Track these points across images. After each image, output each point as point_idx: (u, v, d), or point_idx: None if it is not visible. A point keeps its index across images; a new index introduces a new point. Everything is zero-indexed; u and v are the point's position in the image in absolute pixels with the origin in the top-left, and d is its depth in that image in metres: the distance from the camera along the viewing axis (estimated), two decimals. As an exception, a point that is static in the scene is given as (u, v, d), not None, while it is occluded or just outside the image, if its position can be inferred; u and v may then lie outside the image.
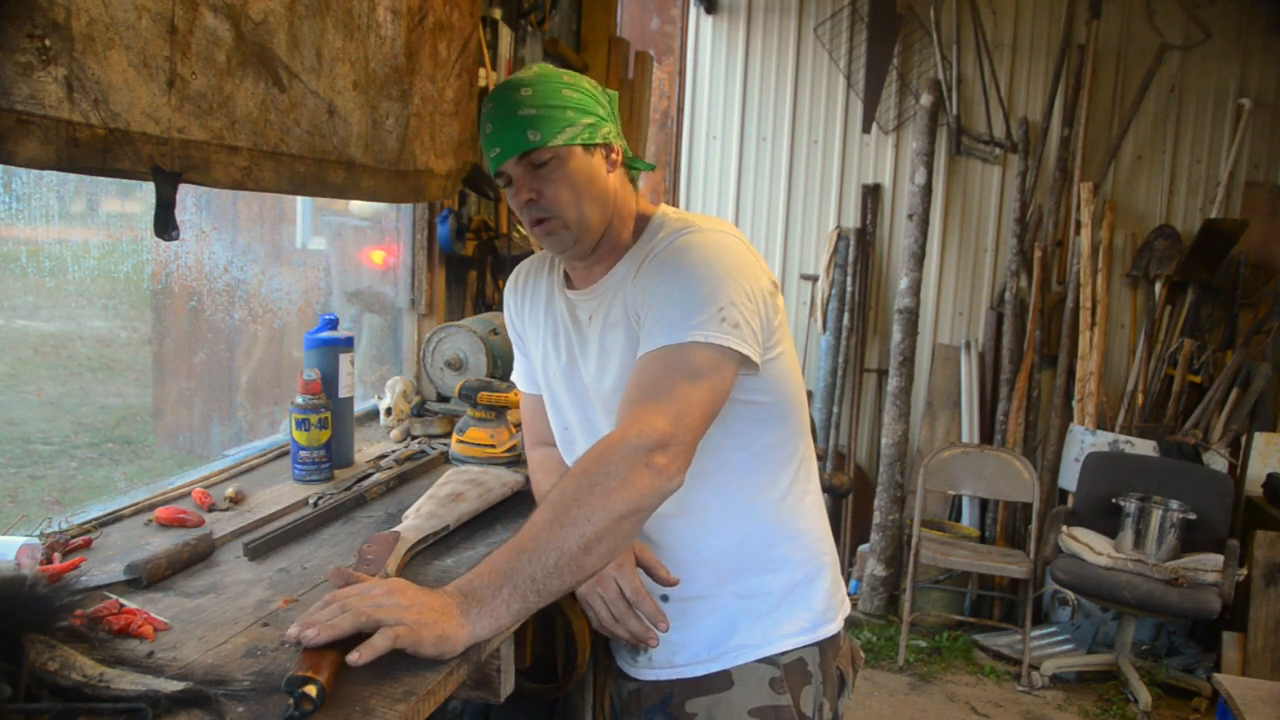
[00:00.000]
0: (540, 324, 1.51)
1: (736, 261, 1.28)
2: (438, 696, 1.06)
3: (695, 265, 1.26)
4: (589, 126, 1.33)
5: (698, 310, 1.22)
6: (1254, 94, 4.21)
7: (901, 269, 4.28)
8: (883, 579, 4.25)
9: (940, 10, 4.36)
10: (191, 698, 0.96)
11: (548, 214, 1.33)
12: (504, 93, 1.33)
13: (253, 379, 2.39)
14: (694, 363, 1.20)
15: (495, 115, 1.32)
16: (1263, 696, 2.17)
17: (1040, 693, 3.66)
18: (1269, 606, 3.45)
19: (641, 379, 1.22)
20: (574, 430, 1.46)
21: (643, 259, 1.33)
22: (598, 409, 1.41)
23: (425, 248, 2.53)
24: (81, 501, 1.62)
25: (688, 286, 1.24)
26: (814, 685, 1.37)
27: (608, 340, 1.37)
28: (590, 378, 1.41)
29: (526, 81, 1.33)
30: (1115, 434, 4.05)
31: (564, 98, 1.32)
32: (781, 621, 1.37)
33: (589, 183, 1.33)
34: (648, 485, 1.13)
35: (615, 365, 1.35)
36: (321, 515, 1.59)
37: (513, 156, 1.31)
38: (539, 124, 1.30)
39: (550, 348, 1.48)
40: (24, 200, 1.53)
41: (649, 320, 1.26)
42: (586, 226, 1.34)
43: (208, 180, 1.49)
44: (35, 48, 1.14)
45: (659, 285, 1.27)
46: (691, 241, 1.30)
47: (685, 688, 1.38)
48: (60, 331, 1.84)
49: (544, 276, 1.53)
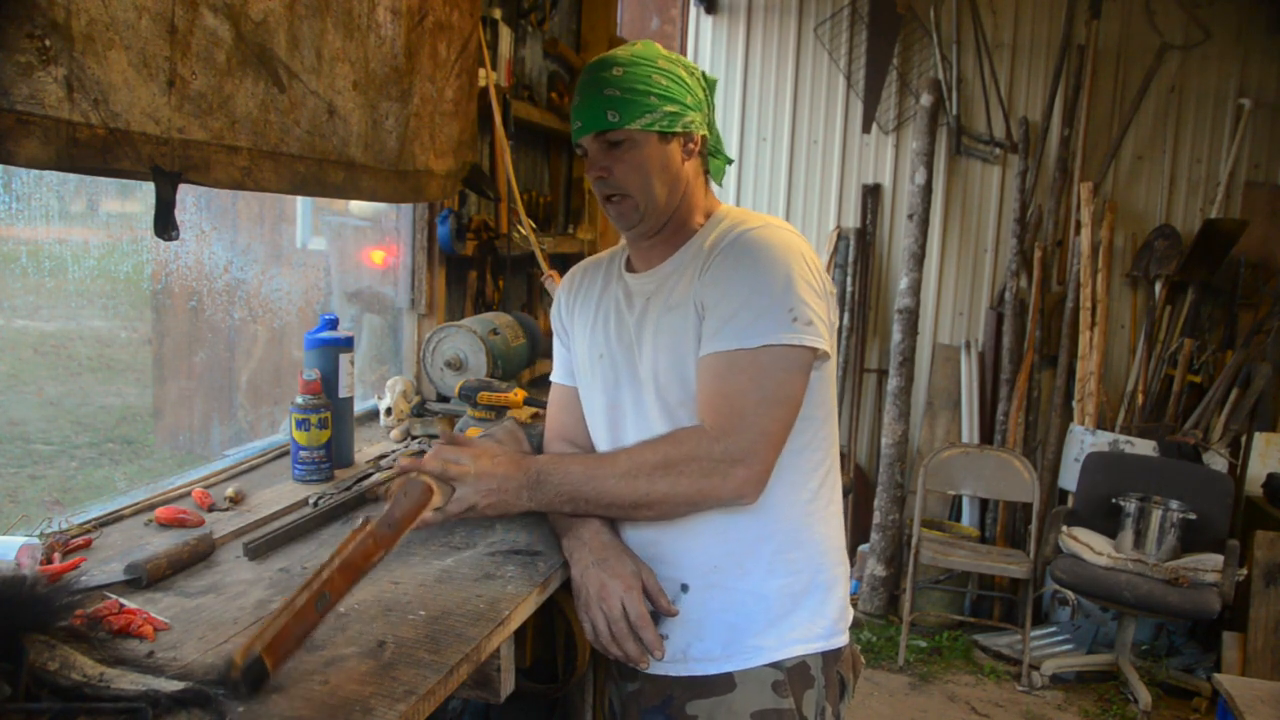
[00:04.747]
0: (591, 310, 1.53)
1: (802, 259, 1.33)
2: (438, 696, 1.06)
3: (763, 262, 1.30)
4: (670, 114, 1.36)
5: (769, 311, 1.27)
6: (1254, 94, 4.21)
7: (901, 269, 4.28)
8: (883, 579, 4.25)
9: (940, 10, 4.36)
10: (191, 697, 0.96)
11: (616, 191, 1.38)
12: (596, 69, 1.37)
13: (253, 379, 2.39)
14: (768, 368, 1.27)
15: (583, 89, 1.37)
16: (1263, 696, 2.17)
17: (1040, 693, 3.66)
18: (1269, 606, 3.45)
19: (723, 385, 1.28)
20: (624, 408, 1.45)
21: (708, 251, 1.37)
22: (647, 388, 1.41)
23: (425, 248, 2.53)
24: (81, 501, 1.62)
25: (758, 286, 1.29)
26: (816, 689, 1.37)
27: (665, 321, 1.39)
28: (644, 358, 1.42)
29: (620, 61, 1.36)
30: (1115, 434, 4.05)
31: (652, 83, 1.35)
32: (797, 625, 1.37)
33: (660, 169, 1.38)
34: (719, 490, 1.27)
35: (670, 346, 1.38)
36: (321, 515, 1.59)
37: (590, 133, 1.36)
38: (620, 106, 1.34)
39: (600, 331, 1.49)
40: (24, 200, 1.53)
41: (718, 317, 1.30)
42: (653, 208, 1.39)
43: (208, 180, 1.49)
44: (35, 48, 1.14)
45: (728, 282, 1.31)
46: (758, 237, 1.34)
47: (687, 689, 1.38)
48: (60, 331, 1.84)
49: (602, 269, 1.57)
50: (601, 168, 1.38)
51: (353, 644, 1.13)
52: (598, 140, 1.37)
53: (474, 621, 1.22)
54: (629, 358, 1.44)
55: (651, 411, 1.40)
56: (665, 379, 1.37)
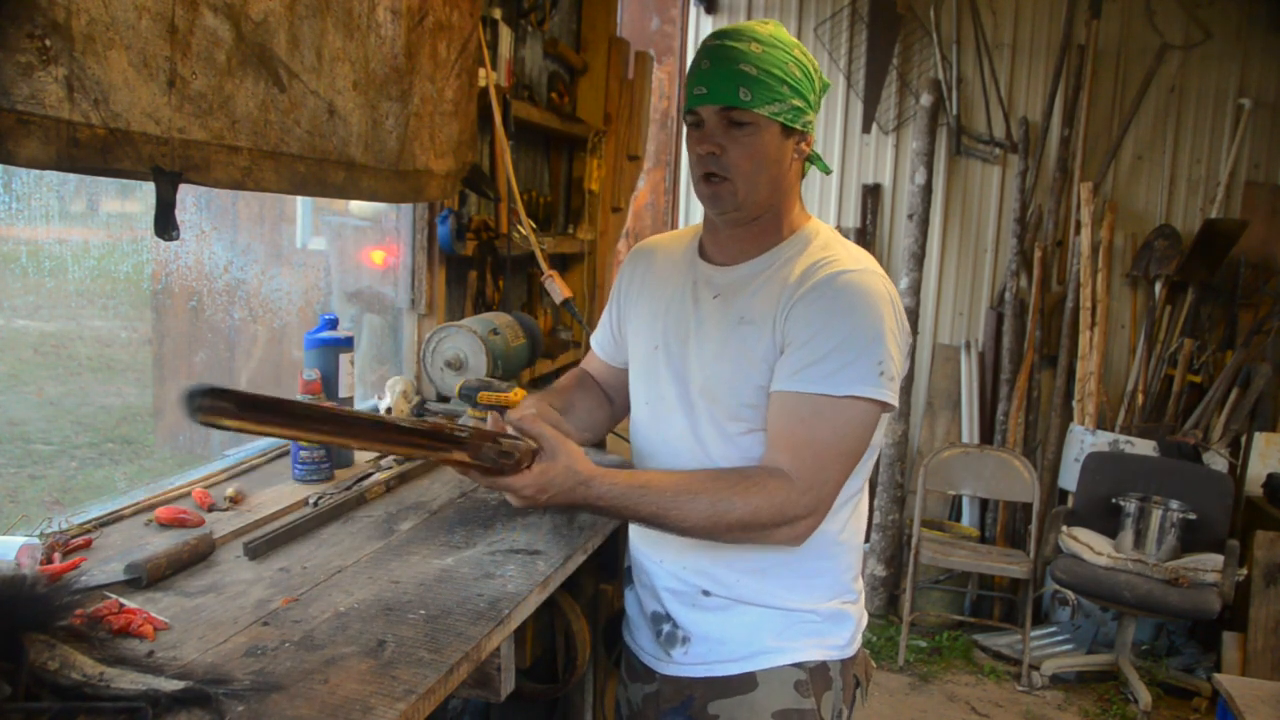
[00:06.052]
0: (656, 300, 1.46)
1: (892, 308, 1.29)
2: (437, 695, 1.06)
3: (859, 310, 1.26)
4: (796, 109, 1.30)
5: (858, 362, 1.24)
6: (1254, 94, 4.20)
7: (901, 269, 4.28)
8: (883, 579, 4.25)
9: (940, 10, 4.36)
10: (191, 697, 0.96)
11: (723, 171, 1.29)
12: (733, 37, 1.29)
13: (253, 379, 2.39)
14: (851, 421, 1.26)
15: (716, 55, 1.28)
16: (1263, 696, 2.17)
17: (1040, 693, 3.66)
18: (1269, 606, 3.45)
19: (808, 433, 1.25)
20: (669, 403, 1.40)
21: (798, 278, 1.31)
22: (695, 389, 1.37)
23: (425, 248, 2.53)
24: (81, 501, 1.62)
25: (852, 334, 1.25)
26: (834, 691, 1.38)
27: (736, 334, 1.33)
28: (698, 358, 1.37)
29: (761, 38, 1.29)
30: (1115, 434, 4.05)
31: (787, 71, 1.29)
32: (818, 635, 1.38)
33: (773, 162, 1.31)
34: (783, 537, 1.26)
35: (735, 359, 1.33)
36: (321, 515, 1.59)
37: (717, 105, 1.27)
38: (754, 85, 1.26)
39: (661, 321, 1.43)
40: (24, 200, 1.53)
41: (806, 356, 1.26)
42: (753, 199, 1.32)
43: (208, 180, 1.49)
44: (35, 48, 1.14)
45: (821, 323, 1.26)
46: (856, 282, 1.29)
47: (708, 689, 1.38)
48: (60, 331, 1.84)
49: (676, 256, 1.49)
50: (716, 144, 1.28)
51: (353, 643, 1.14)
52: (721, 114, 1.28)
53: (474, 621, 1.22)
54: (685, 353, 1.39)
55: (700, 416, 1.36)
56: (721, 390, 1.34)
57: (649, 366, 1.44)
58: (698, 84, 1.29)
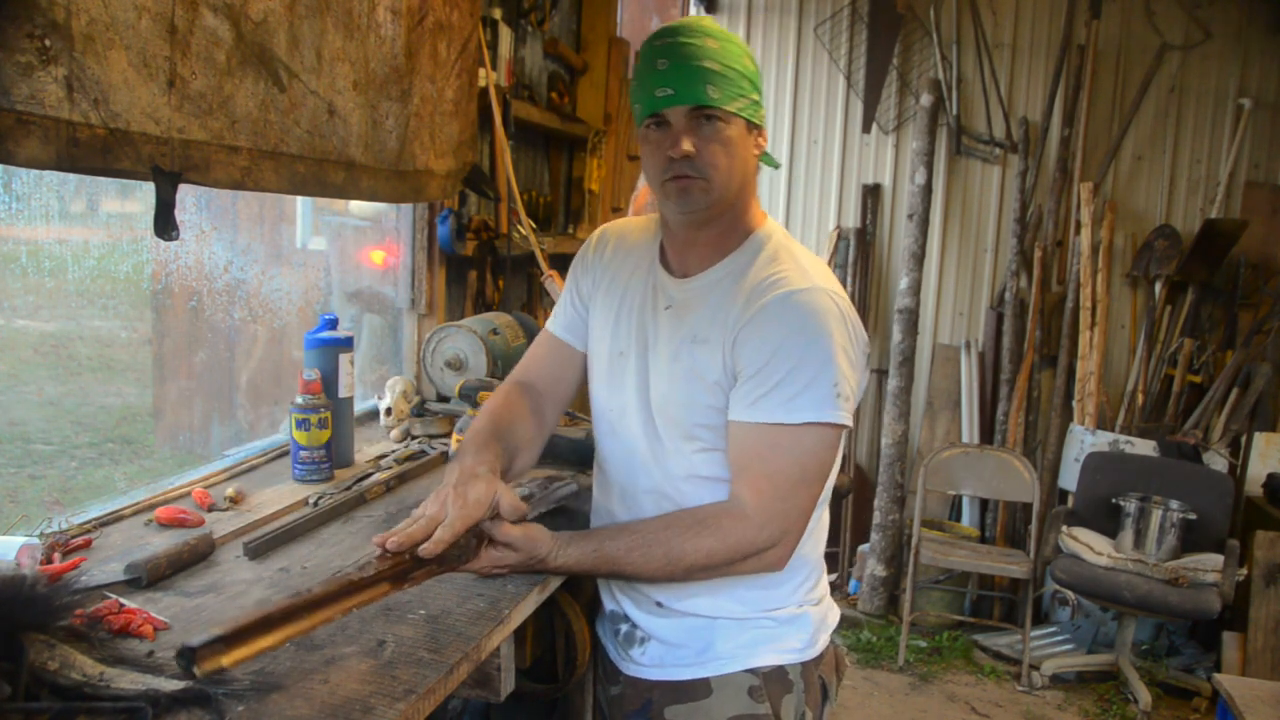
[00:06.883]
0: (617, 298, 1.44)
1: (844, 325, 1.26)
2: (438, 695, 1.06)
3: (810, 332, 1.23)
4: (754, 104, 1.29)
5: (812, 387, 1.23)
6: (1254, 94, 4.20)
7: (901, 269, 4.28)
8: (883, 579, 4.25)
9: (940, 10, 4.36)
10: (191, 697, 0.96)
11: (696, 172, 1.25)
12: (687, 34, 1.25)
13: (253, 379, 2.39)
14: (809, 448, 1.26)
15: (675, 54, 1.24)
16: (1263, 696, 2.17)
17: (1040, 693, 3.66)
18: (1269, 606, 3.45)
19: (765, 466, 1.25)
20: (630, 413, 1.39)
21: (747, 296, 1.29)
22: (654, 404, 1.35)
23: (425, 248, 2.53)
24: (81, 501, 1.62)
25: (804, 358, 1.23)
26: (795, 694, 1.37)
27: (687, 353, 1.31)
28: (655, 371, 1.35)
29: (713, 33, 1.26)
30: (1115, 434, 4.05)
31: (744, 66, 1.27)
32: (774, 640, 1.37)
33: (741, 159, 1.29)
34: (752, 568, 1.28)
35: (686, 377, 1.31)
36: (321, 515, 1.59)
37: (685, 105, 1.24)
38: (720, 83, 1.23)
39: (624, 324, 1.41)
40: (24, 200, 1.53)
41: (760, 384, 1.24)
42: (723, 196, 1.28)
43: (208, 180, 1.49)
44: (35, 48, 1.14)
45: (771, 347, 1.24)
46: (804, 303, 1.25)
47: (664, 693, 1.38)
48: (60, 331, 1.84)
49: (639, 251, 1.45)
50: (689, 144, 1.23)
51: (353, 643, 1.14)
52: (691, 115, 1.23)
53: (474, 620, 1.22)
54: (642, 361, 1.38)
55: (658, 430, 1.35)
56: (674, 409, 1.33)
57: (613, 371, 1.42)
58: (660, 85, 1.24)
